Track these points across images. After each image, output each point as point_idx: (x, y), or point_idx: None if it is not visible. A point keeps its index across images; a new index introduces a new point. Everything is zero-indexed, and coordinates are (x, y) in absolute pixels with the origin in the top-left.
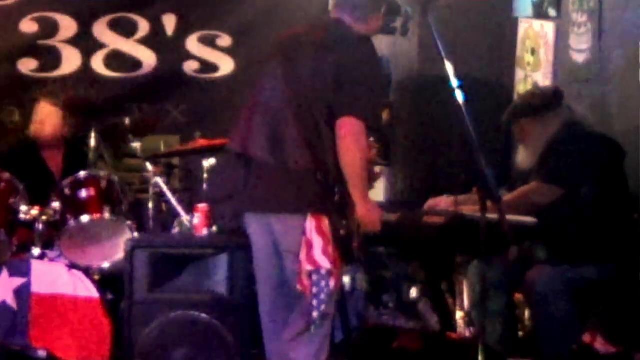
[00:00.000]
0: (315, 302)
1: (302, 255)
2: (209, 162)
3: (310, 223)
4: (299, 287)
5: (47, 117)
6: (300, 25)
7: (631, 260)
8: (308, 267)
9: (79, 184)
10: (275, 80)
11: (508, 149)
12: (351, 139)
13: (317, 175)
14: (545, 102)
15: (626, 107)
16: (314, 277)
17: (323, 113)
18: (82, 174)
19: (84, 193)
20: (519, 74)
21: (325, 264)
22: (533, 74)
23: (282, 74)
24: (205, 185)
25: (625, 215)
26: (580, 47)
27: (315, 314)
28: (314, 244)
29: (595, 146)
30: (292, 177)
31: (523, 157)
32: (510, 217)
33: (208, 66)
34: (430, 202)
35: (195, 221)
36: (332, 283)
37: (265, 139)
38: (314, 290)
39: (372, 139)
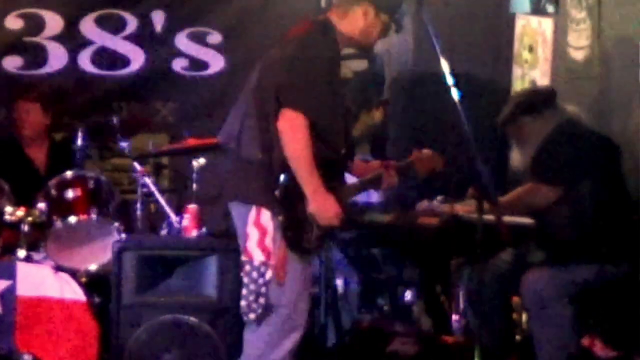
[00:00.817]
0: (244, 292)
1: (241, 246)
2: (198, 162)
3: (251, 214)
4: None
5: (26, 114)
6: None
7: (631, 261)
8: (242, 257)
9: (66, 184)
10: (253, 72)
11: (504, 149)
12: (289, 132)
13: (261, 167)
14: (539, 101)
15: (626, 105)
16: (247, 268)
17: (273, 106)
18: (69, 174)
19: (70, 193)
20: (516, 71)
21: (258, 256)
22: (530, 71)
23: (257, 67)
24: (194, 186)
25: (624, 216)
26: (579, 44)
27: (242, 303)
28: (249, 235)
29: (591, 144)
30: (243, 166)
31: (517, 158)
32: (507, 219)
33: (198, 63)
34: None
35: (184, 222)
36: (268, 275)
37: (235, 129)
38: (245, 280)
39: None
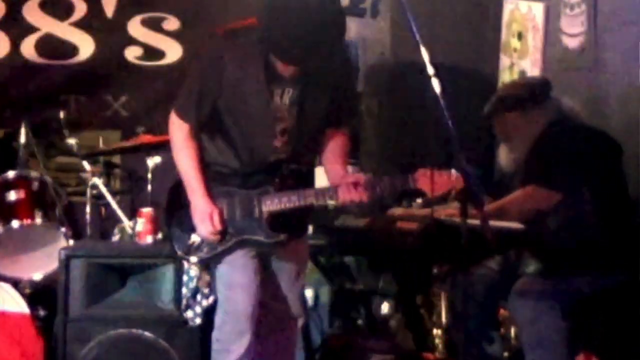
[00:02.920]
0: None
1: None
2: (153, 161)
3: None
4: None
5: None
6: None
7: (631, 270)
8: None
9: (8, 186)
10: None
11: (491, 147)
12: (170, 136)
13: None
14: (531, 93)
15: (626, 99)
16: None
17: None
18: (11, 174)
19: (13, 195)
20: (504, 61)
21: (192, 259)
22: (519, 61)
23: None
24: (149, 187)
25: (624, 220)
26: (573, 30)
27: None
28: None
29: (590, 143)
30: None
31: (506, 157)
32: (494, 223)
33: (153, 52)
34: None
35: (138, 227)
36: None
37: None
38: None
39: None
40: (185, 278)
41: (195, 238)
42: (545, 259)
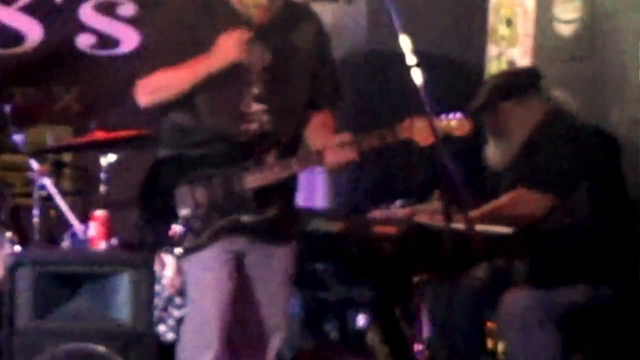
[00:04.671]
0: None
1: None
2: (108, 159)
3: None
4: None
5: None
6: None
7: (631, 280)
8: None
9: None
10: None
11: (477, 143)
12: (140, 100)
13: None
14: (520, 84)
15: (623, 91)
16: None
17: None
18: None
19: None
20: (492, 50)
21: (156, 266)
22: (508, 50)
23: None
24: (103, 188)
25: (623, 225)
26: (567, 16)
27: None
28: None
29: (587, 141)
30: None
31: (495, 155)
32: (480, 227)
33: (107, 40)
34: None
35: (91, 232)
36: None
37: None
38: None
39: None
40: (157, 287)
41: (177, 227)
42: (536, 267)
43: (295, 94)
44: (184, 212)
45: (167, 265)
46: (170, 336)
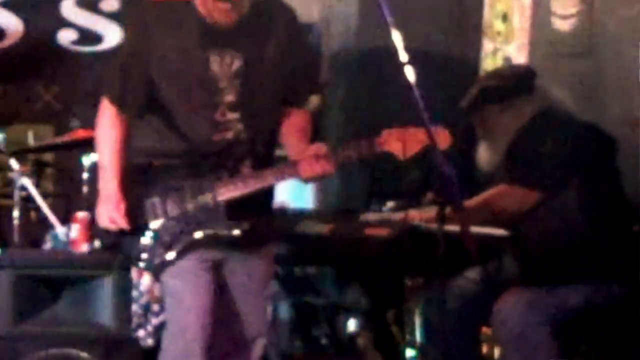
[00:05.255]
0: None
1: None
2: (90, 159)
3: None
4: None
5: None
6: None
7: (630, 281)
8: None
9: None
10: None
11: (471, 143)
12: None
13: None
14: (514, 83)
15: (624, 88)
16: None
17: None
18: None
19: None
20: (487, 46)
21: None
22: (504, 46)
23: None
24: (85, 189)
25: (621, 224)
26: (565, 11)
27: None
28: None
29: (578, 137)
30: None
31: (486, 156)
32: (475, 229)
33: (89, 36)
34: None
35: (72, 234)
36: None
37: None
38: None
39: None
40: (135, 293)
41: (146, 241)
42: (532, 269)
43: (270, 97)
44: (154, 224)
45: (144, 274)
46: (149, 342)
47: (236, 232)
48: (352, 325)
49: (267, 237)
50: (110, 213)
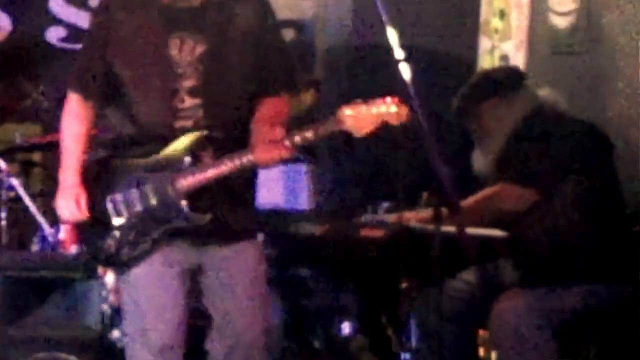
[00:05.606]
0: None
1: None
2: None
3: None
4: None
5: None
6: None
7: (631, 282)
8: None
9: None
10: None
11: (468, 143)
12: None
13: None
14: (503, 81)
15: (624, 87)
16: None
17: None
18: None
19: None
20: (484, 43)
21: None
22: (502, 43)
23: None
24: None
25: (620, 224)
26: (563, 8)
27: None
28: None
29: (573, 135)
30: None
31: (480, 158)
32: (471, 230)
33: (78, 33)
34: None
35: (61, 235)
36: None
37: None
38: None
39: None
40: (104, 292)
41: (111, 241)
42: (529, 270)
43: (236, 83)
44: (117, 221)
45: (107, 272)
46: (125, 342)
47: (199, 224)
48: (346, 328)
49: (243, 230)
50: (70, 205)
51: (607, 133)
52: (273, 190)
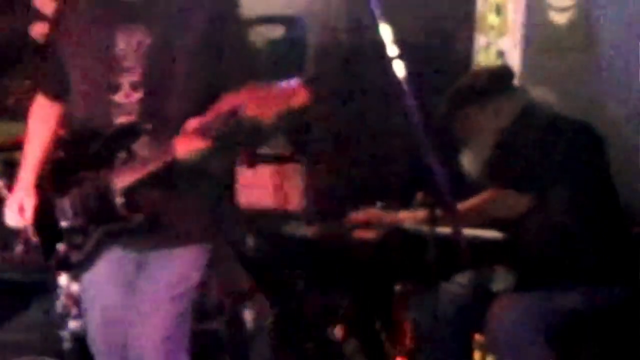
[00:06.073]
0: None
1: None
2: None
3: None
4: None
5: None
6: None
7: (630, 285)
8: None
9: None
10: None
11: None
12: None
13: None
14: (490, 82)
15: (624, 85)
16: None
17: None
18: None
19: None
20: (480, 40)
21: None
22: (498, 40)
23: None
24: None
25: (616, 225)
26: (562, 4)
27: None
28: None
29: (566, 135)
30: None
31: (470, 162)
32: (468, 231)
33: None
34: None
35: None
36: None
37: None
38: None
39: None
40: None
41: (60, 245)
42: (526, 273)
43: (184, 80)
44: (63, 224)
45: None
46: (66, 345)
47: (134, 224)
48: (338, 331)
49: (184, 234)
50: (13, 210)
51: (601, 132)
52: (263, 190)
